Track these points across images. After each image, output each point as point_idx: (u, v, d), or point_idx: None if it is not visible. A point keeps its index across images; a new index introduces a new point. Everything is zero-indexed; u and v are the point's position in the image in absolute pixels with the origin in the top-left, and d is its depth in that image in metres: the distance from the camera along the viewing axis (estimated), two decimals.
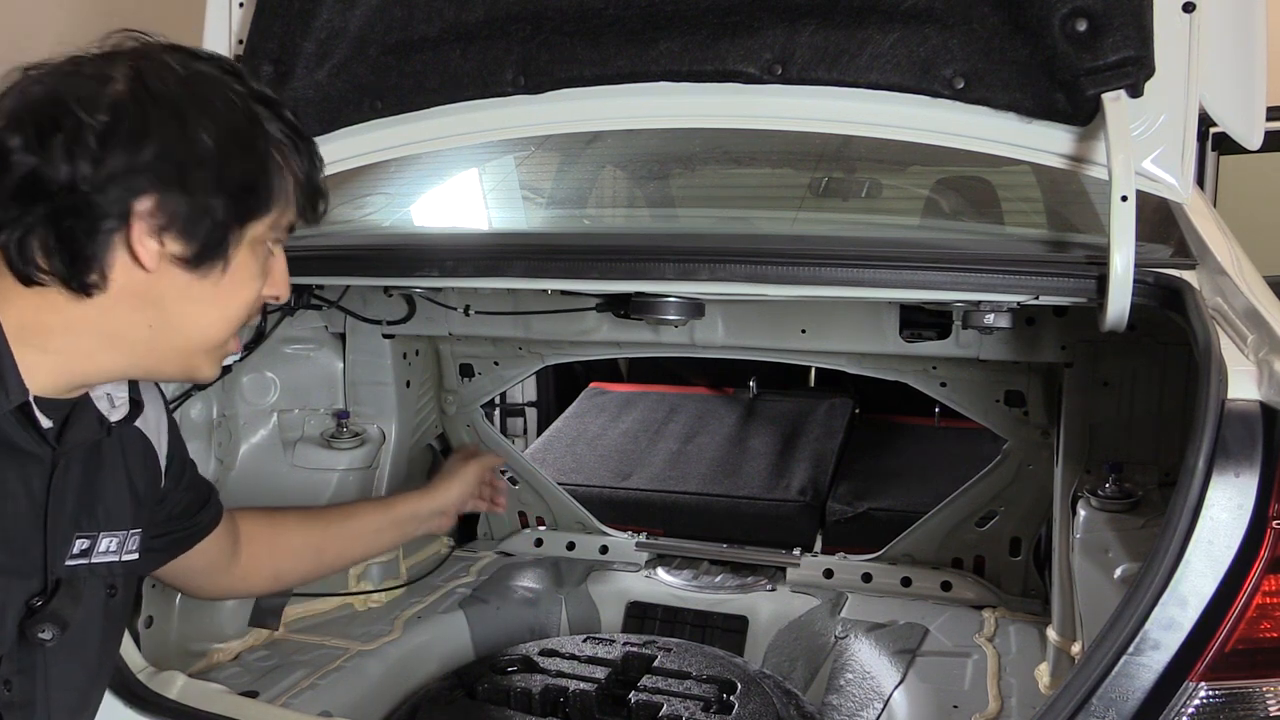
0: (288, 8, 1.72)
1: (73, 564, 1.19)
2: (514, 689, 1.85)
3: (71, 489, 1.18)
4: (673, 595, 2.34)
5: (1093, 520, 1.66)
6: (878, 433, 3.18)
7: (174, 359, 1.15)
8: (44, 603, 1.14)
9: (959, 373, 2.14)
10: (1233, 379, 1.15)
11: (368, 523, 1.71)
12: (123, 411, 1.26)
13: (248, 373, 2.14)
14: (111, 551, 1.25)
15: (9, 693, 1.12)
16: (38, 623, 1.13)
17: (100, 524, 1.23)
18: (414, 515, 1.76)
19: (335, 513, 1.73)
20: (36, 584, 1.14)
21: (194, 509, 1.45)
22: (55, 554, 1.16)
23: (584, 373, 3.74)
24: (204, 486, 1.49)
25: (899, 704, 1.82)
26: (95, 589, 1.23)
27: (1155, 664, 1.06)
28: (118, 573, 1.26)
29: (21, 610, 1.13)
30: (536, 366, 2.48)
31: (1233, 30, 1.40)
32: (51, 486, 1.14)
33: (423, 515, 1.77)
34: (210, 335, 1.15)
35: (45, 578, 1.15)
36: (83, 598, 1.20)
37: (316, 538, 1.64)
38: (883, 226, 2.15)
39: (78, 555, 1.20)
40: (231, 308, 1.14)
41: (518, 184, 2.53)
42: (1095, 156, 1.44)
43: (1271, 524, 1.06)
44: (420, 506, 1.77)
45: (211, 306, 1.12)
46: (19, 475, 1.11)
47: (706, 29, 1.53)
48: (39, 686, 1.16)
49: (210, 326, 1.14)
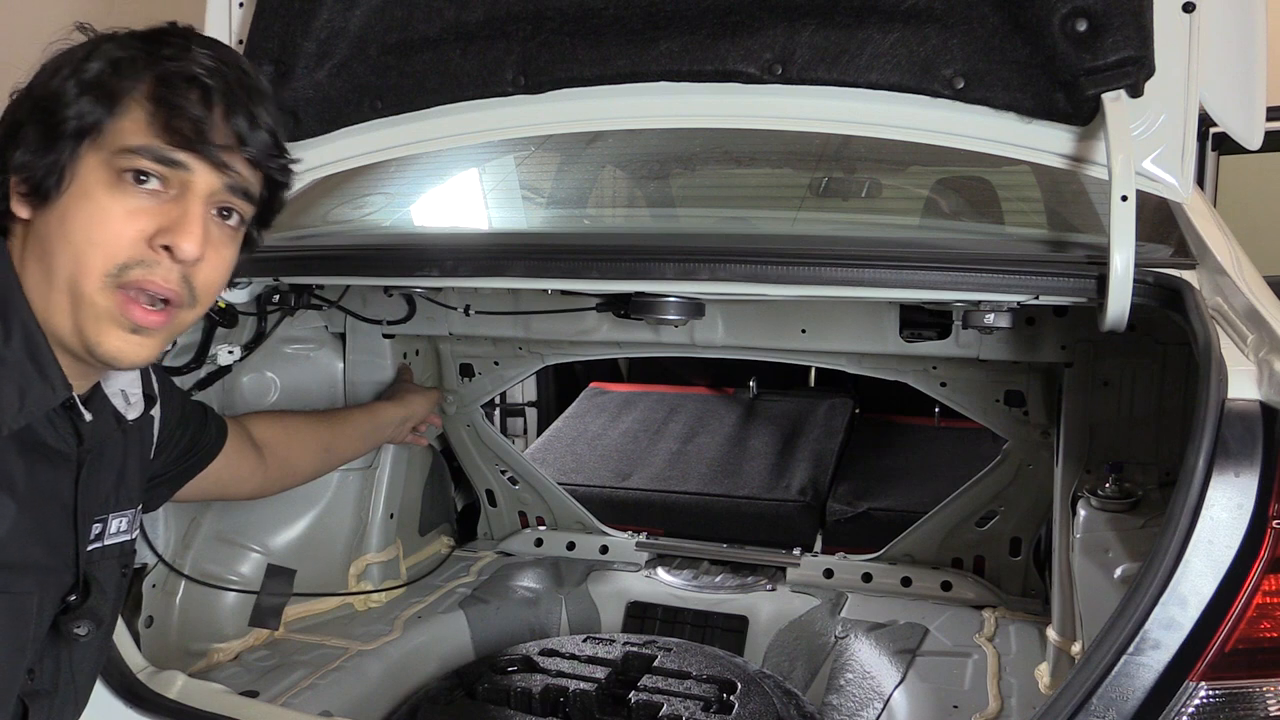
0: (288, 8, 1.72)
1: (90, 549, 1.23)
2: (514, 689, 1.85)
3: (95, 485, 1.22)
4: (673, 595, 2.34)
5: (1093, 520, 1.65)
6: (878, 433, 3.18)
7: (62, 317, 1.09)
8: (80, 600, 1.18)
9: (959, 373, 2.14)
10: (1233, 379, 1.15)
11: (360, 425, 2.03)
12: (138, 409, 1.28)
13: (248, 373, 2.14)
14: (123, 531, 1.29)
15: (32, 682, 1.14)
16: (75, 620, 1.17)
17: (109, 506, 1.27)
18: (390, 420, 2.11)
19: (334, 416, 2.02)
20: (69, 579, 1.18)
21: (197, 439, 1.54)
22: (83, 547, 1.19)
23: (584, 373, 3.74)
24: (197, 413, 1.56)
25: (899, 704, 1.82)
26: (111, 570, 1.27)
27: (1155, 664, 1.06)
28: (128, 550, 1.31)
29: (56, 606, 1.17)
30: (536, 366, 2.48)
31: (1233, 30, 1.40)
32: (80, 485, 1.17)
33: (395, 421, 2.12)
34: (71, 272, 1.07)
35: (77, 573, 1.18)
36: (106, 586, 1.24)
37: (325, 436, 1.91)
38: (883, 226, 2.14)
39: (93, 540, 1.23)
40: (85, 240, 1.07)
41: (518, 184, 2.53)
42: (1095, 156, 1.44)
43: (1271, 524, 1.06)
44: (395, 413, 2.12)
45: (66, 243, 1.08)
46: (51, 476, 1.13)
47: (706, 29, 1.53)
48: (63, 673, 1.19)
49: (70, 263, 1.07)
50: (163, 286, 1.09)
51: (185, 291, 1.12)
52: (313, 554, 2.16)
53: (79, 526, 1.17)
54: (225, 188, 1.13)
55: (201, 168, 1.11)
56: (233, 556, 2.02)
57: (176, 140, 1.09)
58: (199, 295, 1.14)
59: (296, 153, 1.24)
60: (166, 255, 1.09)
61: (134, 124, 1.08)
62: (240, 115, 1.13)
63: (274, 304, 2.05)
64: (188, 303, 1.13)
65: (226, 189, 1.13)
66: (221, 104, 1.11)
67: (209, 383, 2.00)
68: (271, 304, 2.05)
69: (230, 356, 1.98)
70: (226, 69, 1.13)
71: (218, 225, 1.15)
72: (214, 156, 1.11)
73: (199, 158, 1.10)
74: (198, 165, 1.10)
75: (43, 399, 1.09)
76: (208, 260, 1.13)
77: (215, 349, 1.95)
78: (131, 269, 1.07)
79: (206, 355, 1.93)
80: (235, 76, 1.14)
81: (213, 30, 1.81)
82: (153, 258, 1.08)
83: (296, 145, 1.78)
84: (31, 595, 1.12)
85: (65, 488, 1.15)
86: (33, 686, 1.14)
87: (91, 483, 1.20)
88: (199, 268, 1.12)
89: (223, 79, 1.12)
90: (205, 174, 1.11)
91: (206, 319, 1.88)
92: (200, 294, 1.14)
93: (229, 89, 1.12)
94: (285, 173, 1.22)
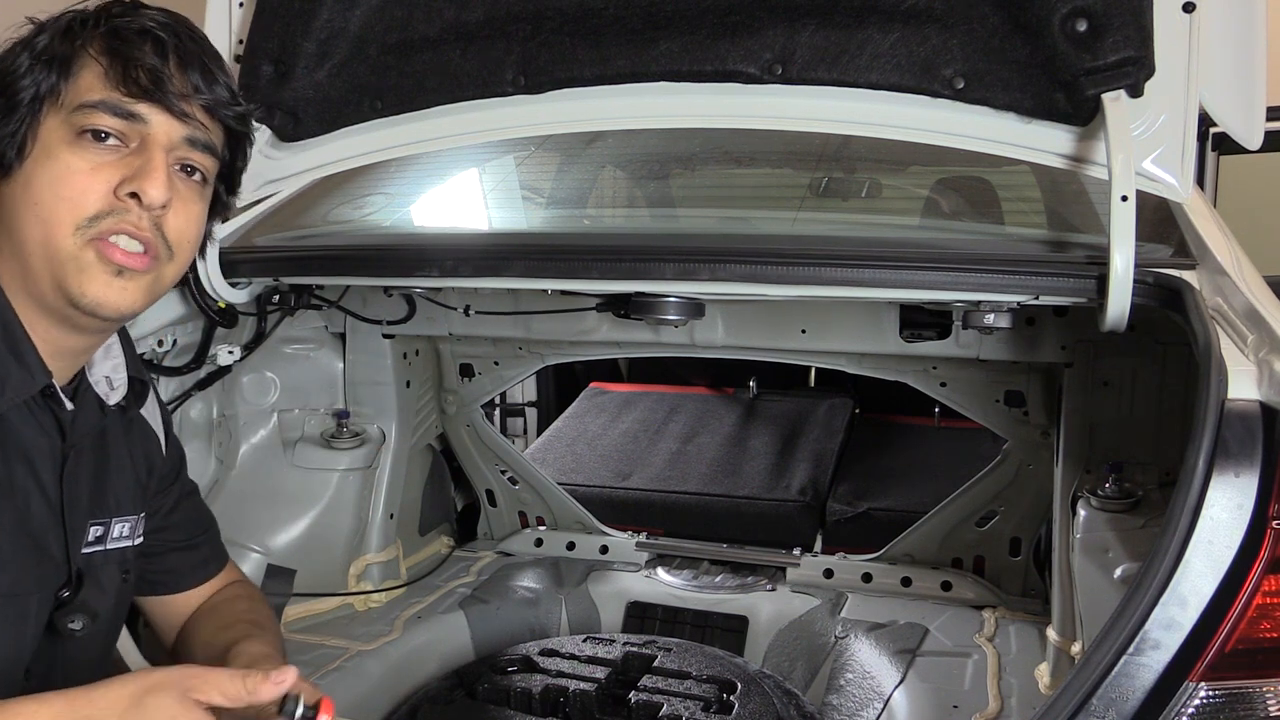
0: (288, 8, 1.72)
1: (89, 552, 1.21)
2: (514, 689, 1.84)
3: (84, 478, 1.20)
4: (673, 595, 2.34)
5: (1093, 520, 1.65)
6: (878, 433, 3.18)
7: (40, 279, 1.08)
8: (72, 594, 1.16)
9: (959, 373, 2.14)
10: (1233, 379, 1.15)
11: None
12: (121, 393, 1.26)
13: (248, 373, 2.14)
14: (125, 537, 1.27)
15: (27, 683, 1.13)
16: (69, 614, 1.16)
17: (112, 510, 1.25)
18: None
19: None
20: (61, 576, 1.16)
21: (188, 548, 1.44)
22: (75, 544, 1.18)
23: (584, 373, 3.74)
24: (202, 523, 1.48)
25: (899, 704, 1.82)
26: (111, 574, 1.25)
27: (1155, 664, 1.05)
28: (130, 557, 1.29)
29: (50, 603, 1.15)
30: (536, 366, 2.48)
31: (1233, 30, 1.40)
32: (64, 478, 1.16)
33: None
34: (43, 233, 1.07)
35: (69, 569, 1.17)
36: (104, 586, 1.22)
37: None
38: (882, 226, 2.14)
39: (93, 543, 1.22)
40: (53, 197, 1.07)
41: (518, 184, 2.53)
42: (1095, 156, 1.44)
43: (1271, 524, 1.06)
44: None
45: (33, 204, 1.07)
46: (29, 470, 1.12)
47: (706, 29, 1.53)
48: (57, 675, 1.18)
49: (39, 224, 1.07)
50: (136, 232, 1.09)
51: (159, 241, 1.11)
52: (313, 554, 2.16)
53: (67, 521, 1.16)
54: (185, 139, 1.13)
55: (160, 118, 1.10)
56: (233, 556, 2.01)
57: (134, 91, 1.09)
58: (174, 246, 1.13)
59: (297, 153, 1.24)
60: (135, 203, 1.08)
61: (90, 80, 1.09)
62: (195, 67, 1.13)
63: (274, 304, 2.05)
64: (165, 255, 1.13)
65: (186, 141, 1.13)
66: (176, 56, 1.11)
67: (209, 383, 2.01)
68: (271, 304, 2.05)
69: (230, 356, 1.98)
70: (177, 26, 1.14)
71: (183, 181, 1.14)
72: (173, 105, 1.10)
73: (158, 107, 1.10)
74: (156, 116, 1.10)
75: (21, 386, 1.09)
76: (176, 210, 1.12)
77: (215, 349, 1.95)
78: (103, 219, 1.07)
79: (206, 355, 1.93)
80: (186, 33, 1.14)
81: (213, 30, 1.80)
82: (121, 207, 1.08)
83: (296, 145, 1.80)
84: (31, 595, 1.12)
85: (49, 481, 1.14)
86: (30, 687, 1.14)
87: (80, 474, 1.19)
88: (168, 217, 1.12)
89: (174, 33, 1.12)
90: (165, 123, 1.11)
91: (206, 319, 1.88)
92: (175, 245, 1.13)
93: (181, 42, 1.12)
94: (244, 123, 1.21)
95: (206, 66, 1.14)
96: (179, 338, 1.87)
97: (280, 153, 1.79)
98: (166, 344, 1.84)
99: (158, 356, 1.85)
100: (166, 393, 1.91)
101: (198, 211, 1.17)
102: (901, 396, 2.38)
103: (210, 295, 1.80)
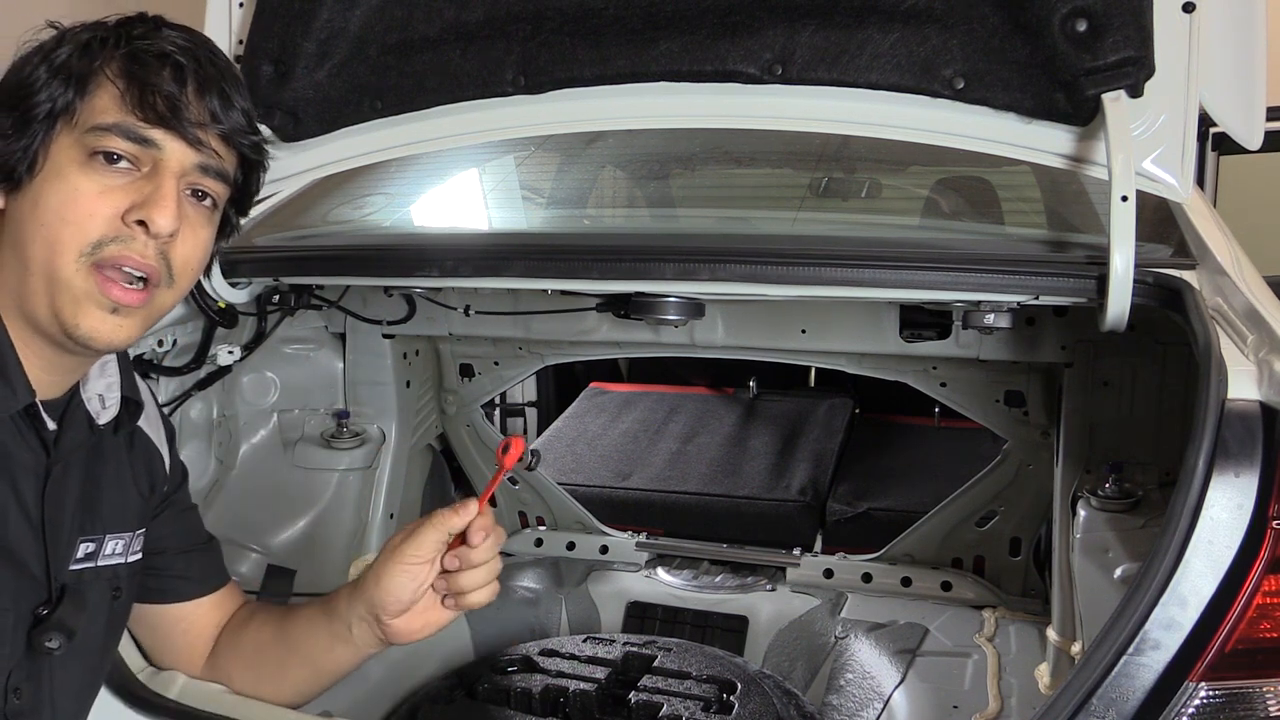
0: (288, 8, 1.72)
1: (77, 568, 1.19)
2: (514, 689, 1.84)
3: (70, 494, 1.18)
4: (673, 595, 2.34)
5: (1093, 520, 1.65)
6: (878, 433, 3.17)
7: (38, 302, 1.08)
8: (49, 612, 1.14)
9: (959, 373, 2.14)
10: (1233, 379, 1.15)
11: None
12: (113, 412, 1.24)
13: (248, 373, 2.14)
14: (118, 554, 1.24)
15: (18, 701, 1.11)
16: (45, 632, 1.13)
17: (105, 526, 1.23)
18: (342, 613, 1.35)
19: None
20: (41, 593, 1.14)
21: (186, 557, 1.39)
22: (58, 561, 1.16)
23: (584, 373, 3.74)
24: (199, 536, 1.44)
25: (899, 704, 1.82)
26: (100, 592, 1.22)
27: (1155, 664, 1.05)
28: (123, 574, 1.26)
29: (29, 620, 1.13)
30: (536, 366, 2.48)
31: (1233, 30, 1.40)
32: (46, 494, 1.13)
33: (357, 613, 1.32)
34: (46, 255, 1.06)
35: (50, 586, 1.15)
36: (87, 603, 1.19)
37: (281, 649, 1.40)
38: (882, 226, 2.14)
39: (82, 559, 1.20)
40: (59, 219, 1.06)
41: (518, 184, 2.53)
42: (1095, 156, 1.44)
43: (1271, 524, 1.06)
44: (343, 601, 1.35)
45: (40, 224, 1.06)
46: (9, 486, 1.10)
47: (706, 29, 1.53)
48: (45, 692, 1.16)
49: (44, 245, 1.06)
50: (140, 262, 1.08)
51: (163, 269, 1.10)
52: (313, 554, 2.16)
53: (47, 536, 1.14)
54: (197, 166, 1.12)
55: (174, 145, 1.10)
56: (233, 556, 2.02)
57: (149, 117, 1.08)
58: (177, 274, 1.12)
59: (297, 153, 1.24)
60: (141, 231, 1.07)
61: (105, 102, 1.08)
62: (213, 94, 1.12)
63: (274, 304, 2.04)
64: (166, 282, 1.12)
65: (199, 168, 1.12)
66: (194, 82, 1.10)
67: (209, 383, 2.00)
68: (271, 304, 2.04)
69: (230, 357, 1.98)
70: (198, 49, 1.12)
71: (193, 206, 1.13)
72: (188, 133, 1.09)
73: (172, 134, 1.09)
74: (170, 143, 1.09)
75: (3, 403, 1.08)
76: (183, 238, 1.11)
77: (215, 349, 1.94)
78: (106, 245, 1.06)
79: (206, 355, 1.93)
80: (207, 56, 1.13)
81: (213, 30, 1.81)
82: (127, 233, 1.07)
83: (297, 145, 1.80)
84: (7, 612, 1.10)
85: (29, 498, 1.12)
86: (18, 705, 1.11)
87: (66, 490, 1.16)
88: (175, 245, 1.11)
89: (194, 58, 1.11)
90: (178, 151, 1.10)
91: (206, 319, 1.88)
92: (178, 273, 1.12)
93: (201, 67, 1.11)
94: (259, 151, 1.21)
95: (225, 92, 1.13)
96: (179, 338, 1.87)
97: (280, 153, 1.78)
98: (166, 344, 1.84)
99: (158, 356, 1.85)
100: (166, 393, 1.91)
101: (205, 237, 1.16)
102: (901, 396, 2.38)
103: (210, 295, 1.80)
